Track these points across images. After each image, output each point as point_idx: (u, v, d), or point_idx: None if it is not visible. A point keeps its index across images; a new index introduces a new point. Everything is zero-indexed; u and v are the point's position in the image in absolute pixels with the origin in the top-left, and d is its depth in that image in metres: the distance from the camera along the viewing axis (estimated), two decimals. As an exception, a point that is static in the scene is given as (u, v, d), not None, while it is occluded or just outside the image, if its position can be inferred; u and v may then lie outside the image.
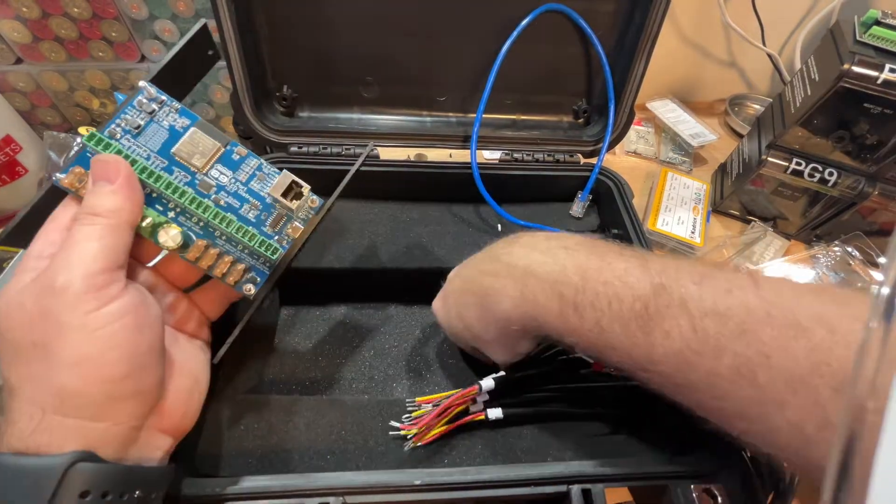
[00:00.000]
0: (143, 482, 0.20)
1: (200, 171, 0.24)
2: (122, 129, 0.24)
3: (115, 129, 0.24)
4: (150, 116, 0.24)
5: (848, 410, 0.09)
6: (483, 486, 0.25)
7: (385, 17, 0.40)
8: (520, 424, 0.31)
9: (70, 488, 0.18)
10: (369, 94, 0.44)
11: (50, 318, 0.19)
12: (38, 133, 0.50)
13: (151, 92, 0.24)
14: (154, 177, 0.23)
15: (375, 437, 0.30)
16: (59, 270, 0.19)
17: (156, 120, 0.24)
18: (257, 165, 0.26)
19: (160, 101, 0.24)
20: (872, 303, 0.09)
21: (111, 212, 0.21)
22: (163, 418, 0.22)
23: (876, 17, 0.45)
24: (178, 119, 0.24)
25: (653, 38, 0.40)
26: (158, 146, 0.24)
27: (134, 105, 0.24)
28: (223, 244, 0.25)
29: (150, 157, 0.24)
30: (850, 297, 0.20)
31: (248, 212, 0.25)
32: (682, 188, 0.58)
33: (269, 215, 0.26)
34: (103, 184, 0.21)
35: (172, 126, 0.24)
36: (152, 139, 0.24)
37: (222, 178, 0.25)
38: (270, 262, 0.26)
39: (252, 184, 0.25)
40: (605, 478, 0.26)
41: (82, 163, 0.23)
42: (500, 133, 0.46)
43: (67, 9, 0.45)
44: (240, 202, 0.25)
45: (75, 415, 0.19)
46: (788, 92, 0.53)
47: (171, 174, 0.24)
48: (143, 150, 0.24)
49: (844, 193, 0.51)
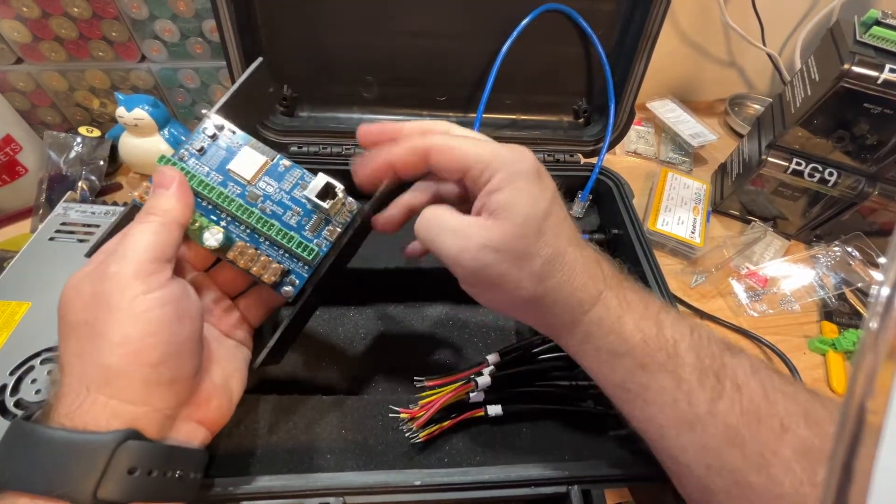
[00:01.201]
0: (183, 462, 0.21)
1: (250, 184, 0.27)
2: (189, 153, 0.27)
3: (184, 153, 0.27)
4: (211, 140, 0.27)
5: (848, 410, 0.09)
6: (483, 486, 0.25)
7: (385, 17, 0.40)
8: (519, 422, 0.31)
9: (119, 465, 0.19)
10: (369, 94, 0.45)
11: (101, 300, 0.20)
12: (38, 133, 0.50)
13: (216, 120, 0.27)
14: (210, 189, 0.26)
15: (375, 437, 0.30)
16: (114, 259, 0.21)
17: (216, 143, 0.27)
18: (300, 175, 0.28)
19: (221, 127, 0.27)
20: (872, 302, 0.09)
21: (164, 210, 0.23)
22: (198, 409, 0.23)
23: (876, 17, 0.45)
24: (234, 140, 0.28)
25: (653, 38, 0.40)
26: (217, 164, 0.27)
27: (200, 132, 0.27)
28: (266, 248, 0.27)
29: (209, 174, 0.27)
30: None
31: (290, 218, 0.27)
32: (682, 188, 0.58)
33: (309, 220, 0.27)
34: (160, 189, 0.24)
35: (229, 146, 0.27)
36: (212, 158, 0.27)
37: (268, 189, 0.27)
38: (310, 264, 0.27)
39: (294, 192, 0.28)
40: (604, 478, 0.26)
41: None
42: (500, 133, 0.46)
43: (67, 9, 0.45)
44: (283, 209, 0.27)
45: (117, 396, 0.20)
46: (788, 92, 0.53)
47: (226, 187, 0.27)
48: (204, 168, 0.27)
49: (844, 193, 0.51)
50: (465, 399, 0.31)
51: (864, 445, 0.09)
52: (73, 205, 0.40)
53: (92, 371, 0.20)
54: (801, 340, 0.48)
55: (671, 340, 0.23)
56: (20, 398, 0.28)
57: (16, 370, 0.29)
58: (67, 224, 0.38)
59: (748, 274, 0.51)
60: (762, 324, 0.48)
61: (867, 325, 0.09)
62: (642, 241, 0.39)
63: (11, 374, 0.29)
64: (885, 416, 0.09)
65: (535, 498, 0.26)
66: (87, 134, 0.51)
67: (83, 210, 0.39)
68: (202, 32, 0.48)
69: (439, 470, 0.26)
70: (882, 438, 0.08)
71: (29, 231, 0.47)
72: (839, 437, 0.09)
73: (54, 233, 0.37)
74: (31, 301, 0.33)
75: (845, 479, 0.09)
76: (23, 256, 0.35)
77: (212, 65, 0.51)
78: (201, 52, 0.50)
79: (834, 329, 0.48)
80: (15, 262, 0.35)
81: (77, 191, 0.47)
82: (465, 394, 0.30)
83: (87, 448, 0.19)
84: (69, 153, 0.49)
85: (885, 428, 0.09)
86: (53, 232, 0.37)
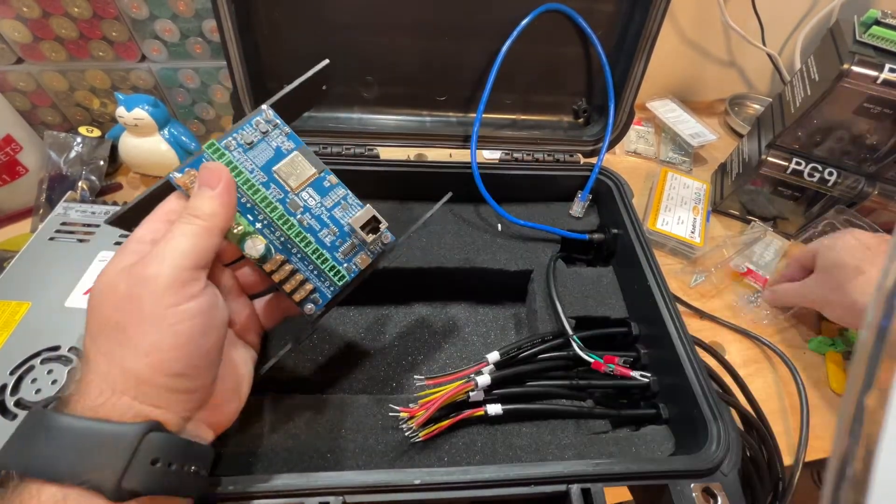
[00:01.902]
0: (197, 458, 0.22)
1: (293, 192, 0.26)
2: (237, 143, 0.26)
3: (231, 141, 0.26)
4: (262, 136, 0.26)
5: (848, 410, 0.09)
6: (483, 485, 0.25)
7: (385, 17, 0.40)
8: (519, 421, 0.31)
9: (143, 455, 0.19)
10: (369, 94, 0.44)
11: (134, 303, 0.20)
12: (38, 133, 0.50)
13: (269, 115, 0.26)
14: (253, 189, 0.25)
15: (375, 436, 0.30)
16: (153, 260, 0.21)
17: (266, 140, 0.26)
18: (344, 195, 0.28)
19: (274, 124, 0.26)
20: (873, 301, 0.09)
21: (208, 216, 0.23)
22: (212, 413, 0.24)
23: (876, 16, 0.45)
24: (285, 142, 0.27)
25: (653, 38, 0.40)
26: (263, 162, 0.26)
27: (252, 124, 0.26)
28: (297, 262, 0.26)
29: (254, 171, 0.26)
30: None
31: (325, 236, 0.27)
32: (682, 188, 0.58)
33: (343, 242, 0.27)
34: (206, 189, 0.23)
35: (279, 147, 0.26)
36: (259, 155, 0.26)
37: (310, 201, 0.27)
38: (335, 287, 0.27)
39: (335, 211, 0.27)
40: (605, 478, 0.26)
41: (197, 166, 0.25)
42: (500, 133, 0.46)
43: (68, 8, 0.45)
44: (321, 226, 0.27)
45: (140, 399, 0.20)
46: (788, 92, 0.53)
47: (268, 189, 0.26)
48: (249, 164, 0.26)
49: (844, 193, 0.51)
50: (464, 398, 0.31)
51: (863, 445, 0.09)
52: (73, 205, 0.40)
53: (117, 373, 0.20)
54: (801, 340, 0.48)
55: None
56: (20, 397, 0.28)
57: (16, 370, 0.29)
58: (67, 224, 0.38)
59: (747, 272, 0.51)
60: (762, 324, 0.48)
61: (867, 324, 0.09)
62: (642, 241, 0.39)
63: (11, 374, 0.29)
64: (885, 416, 0.09)
65: (534, 497, 0.26)
66: (87, 134, 0.51)
67: (83, 210, 0.39)
68: (202, 32, 0.48)
69: (439, 469, 0.26)
70: (882, 438, 0.08)
71: (29, 231, 0.47)
72: (839, 436, 0.09)
73: (54, 233, 0.37)
74: (31, 301, 0.33)
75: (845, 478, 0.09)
76: (23, 256, 0.35)
77: (212, 65, 0.51)
78: (201, 52, 0.50)
79: (834, 329, 0.48)
80: (15, 262, 0.35)
81: (77, 191, 0.47)
82: (465, 393, 0.30)
83: (114, 437, 0.19)
84: (69, 153, 0.49)
85: (884, 428, 0.09)
86: (53, 232, 0.37)
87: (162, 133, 0.48)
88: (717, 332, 0.48)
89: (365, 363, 0.36)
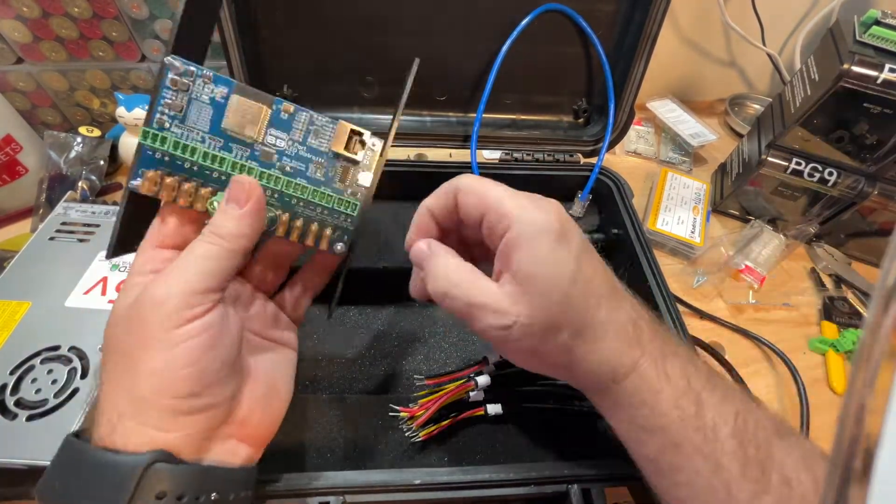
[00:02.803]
0: (222, 483, 0.21)
1: (257, 142, 0.23)
2: (168, 116, 0.22)
3: (161, 118, 0.22)
4: (186, 94, 0.22)
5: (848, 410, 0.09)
6: (483, 485, 0.25)
7: (385, 17, 0.40)
8: (519, 421, 0.31)
9: (148, 489, 0.18)
10: (369, 94, 0.45)
11: (139, 328, 0.20)
12: (38, 133, 0.50)
13: (179, 66, 0.22)
14: (217, 160, 0.23)
15: (376, 435, 0.30)
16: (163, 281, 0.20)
17: (194, 96, 0.22)
18: (308, 119, 0.24)
19: (191, 73, 0.22)
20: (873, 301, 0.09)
21: (234, 236, 0.21)
22: (239, 428, 0.22)
23: (876, 16, 0.45)
24: (215, 89, 0.23)
25: (653, 38, 0.40)
26: (208, 125, 0.23)
27: (167, 86, 0.22)
28: (302, 210, 0.24)
29: (206, 140, 0.23)
30: None
31: (314, 172, 0.24)
32: (682, 188, 0.58)
33: (335, 171, 0.25)
34: (234, 206, 0.22)
35: (213, 98, 0.23)
36: (200, 118, 0.22)
37: (279, 143, 0.24)
38: (351, 218, 0.25)
39: (310, 141, 0.24)
40: (605, 478, 0.26)
41: (147, 164, 0.22)
42: (500, 133, 0.46)
43: (68, 8, 0.45)
44: (304, 164, 0.24)
45: (147, 423, 0.19)
46: (788, 92, 0.53)
47: (231, 152, 0.23)
48: (197, 134, 0.22)
49: (844, 193, 0.51)
50: (464, 398, 0.31)
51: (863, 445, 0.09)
52: (73, 204, 0.40)
53: (123, 398, 0.20)
54: (801, 340, 0.48)
55: (711, 423, 0.21)
56: (20, 397, 0.28)
57: (16, 370, 0.29)
58: (67, 224, 0.38)
59: (746, 269, 0.51)
60: (762, 324, 0.48)
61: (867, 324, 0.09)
62: (642, 241, 0.39)
63: (11, 374, 0.29)
64: (885, 416, 0.09)
65: (534, 497, 0.26)
66: (87, 134, 0.51)
67: (83, 210, 0.39)
68: (202, 32, 0.48)
69: (439, 469, 0.26)
70: (882, 438, 0.08)
71: (29, 231, 0.47)
72: (839, 436, 0.09)
73: (54, 232, 0.37)
74: (31, 301, 0.33)
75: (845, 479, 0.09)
76: (23, 256, 0.35)
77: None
78: (201, 51, 0.50)
79: (834, 329, 0.48)
80: (15, 262, 0.35)
81: (77, 190, 0.47)
82: (465, 393, 0.30)
83: (118, 470, 0.18)
84: (69, 153, 0.49)
85: (885, 428, 0.09)
86: (54, 232, 0.37)
87: (162, 133, 0.48)
88: (717, 332, 0.48)
89: (365, 363, 0.36)
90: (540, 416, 0.32)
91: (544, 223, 0.21)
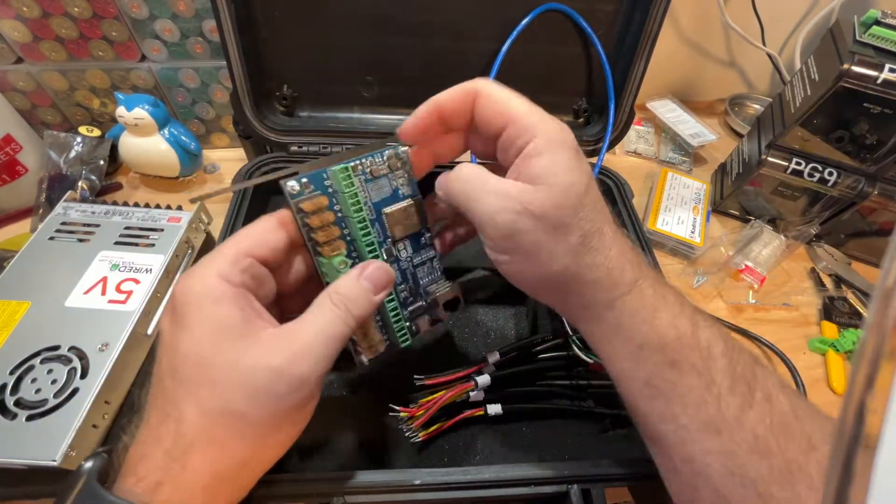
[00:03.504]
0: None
1: (393, 239, 0.26)
2: (362, 170, 0.24)
3: (359, 167, 0.24)
4: (389, 172, 0.25)
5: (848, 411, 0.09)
6: (483, 485, 0.25)
7: (385, 17, 0.40)
8: (519, 421, 0.31)
9: None
10: (369, 93, 0.44)
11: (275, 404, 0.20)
12: (38, 132, 0.50)
13: (407, 154, 0.25)
14: (361, 224, 0.24)
15: (375, 436, 0.30)
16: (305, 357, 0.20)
17: (389, 178, 0.25)
18: (433, 257, 0.27)
19: (403, 162, 0.25)
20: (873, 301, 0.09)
21: (361, 319, 0.22)
22: None
23: (876, 16, 0.45)
24: (404, 186, 0.26)
25: (653, 38, 0.40)
26: (377, 199, 0.25)
27: (383, 156, 0.25)
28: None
29: (366, 205, 0.25)
30: None
31: (402, 291, 0.27)
32: (682, 188, 0.58)
33: (414, 302, 0.27)
34: (371, 288, 0.23)
35: (398, 189, 0.25)
36: (376, 191, 0.25)
37: (402, 254, 0.26)
38: (394, 344, 0.27)
39: (420, 270, 0.27)
40: (605, 478, 0.26)
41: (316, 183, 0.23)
42: (501, 133, 0.46)
43: (68, 8, 0.45)
44: (402, 280, 0.27)
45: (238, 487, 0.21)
46: (788, 92, 0.53)
47: (372, 229, 0.25)
48: (364, 196, 0.24)
49: (844, 193, 0.51)
50: (465, 398, 0.31)
51: (863, 445, 0.09)
52: (73, 204, 0.40)
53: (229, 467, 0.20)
54: (801, 340, 0.48)
55: (705, 343, 0.22)
56: (20, 397, 0.28)
57: (16, 369, 0.29)
58: (67, 224, 0.38)
59: (746, 269, 0.51)
60: (762, 324, 0.48)
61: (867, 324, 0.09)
62: (642, 241, 0.39)
63: (11, 374, 0.29)
64: (885, 416, 0.09)
65: (534, 497, 0.26)
66: (87, 133, 0.51)
67: (83, 210, 0.39)
68: (202, 32, 0.48)
69: (439, 469, 0.26)
70: (882, 438, 0.08)
71: (29, 231, 0.47)
72: (839, 436, 0.09)
73: (54, 232, 0.37)
74: (31, 301, 0.33)
75: (845, 478, 0.09)
76: (23, 256, 0.35)
77: (212, 65, 0.51)
78: (201, 51, 0.50)
79: (834, 329, 0.48)
80: (15, 262, 0.35)
81: (77, 190, 0.47)
82: (465, 393, 0.30)
83: None
84: (69, 153, 0.49)
85: (884, 427, 0.09)
86: (53, 231, 0.37)
87: (162, 133, 0.48)
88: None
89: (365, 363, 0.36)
90: (540, 416, 0.32)
91: (567, 139, 0.23)
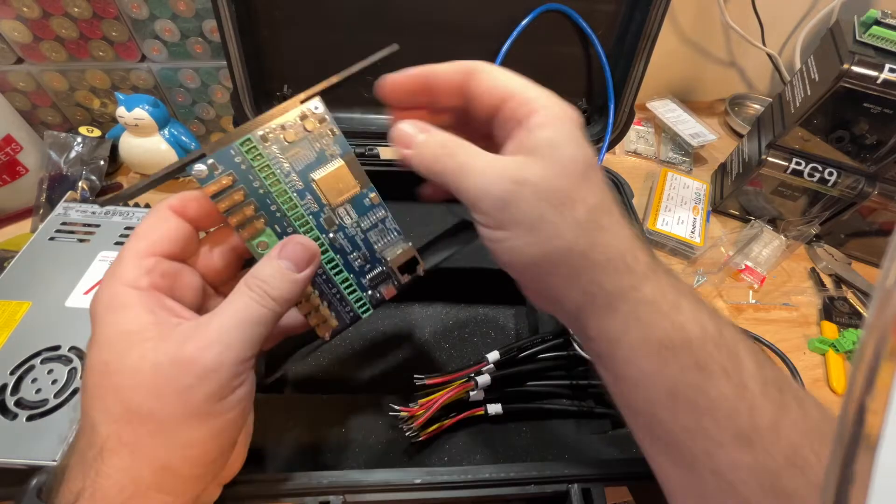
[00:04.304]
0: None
1: (331, 207, 0.23)
2: (275, 138, 0.22)
3: (270, 134, 0.22)
4: (306, 133, 0.22)
5: (848, 411, 0.09)
6: (483, 484, 0.25)
7: (384, 17, 0.40)
8: (519, 420, 0.31)
9: None
10: (369, 93, 0.44)
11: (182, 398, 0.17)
12: (38, 133, 0.50)
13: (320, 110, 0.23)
14: (285, 196, 0.22)
15: (376, 435, 0.30)
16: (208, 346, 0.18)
17: (310, 139, 0.22)
18: (383, 217, 0.25)
19: (322, 120, 0.23)
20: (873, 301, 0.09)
21: (285, 301, 0.20)
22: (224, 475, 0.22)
23: (876, 17, 0.45)
24: (331, 145, 0.23)
25: (653, 38, 0.40)
26: (301, 166, 0.22)
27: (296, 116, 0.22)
28: (320, 284, 0.24)
29: (290, 176, 0.22)
30: None
31: (355, 259, 0.24)
32: (682, 188, 0.58)
33: (372, 269, 0.25)
34: (291, 267, 0.20)
35: (323, 151, 0.23)
36: (298, 157, 0.22)
37: (346, 219, 0.24)
38: (355, 315, 0.25)
39: (371, 234, 0.24)
40: (605, 478, 0.26)
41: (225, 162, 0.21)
42: (501, 133, 0.46)
43: (68, 9, 0.45)
44: (352, 248, 0.24)
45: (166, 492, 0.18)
46: (788, 92, 0.53)
47: (303, 199, 0.22)
48: (286, 165, 0.22)
49: (844, 193, 0.51)
50: (465, 398, 0.31)
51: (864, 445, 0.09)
52: (73, 205, 0.40)
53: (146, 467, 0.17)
54: (801, 340, 0.48)
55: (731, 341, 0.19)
56: (20, 397, 0.28)
57: (16, 370, 0.29)
58: (68, 224, 0.38)
59: (746, 269, 0.51)
60: (762, 324, 0.48)
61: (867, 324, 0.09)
62: (642, 241, 0.39)
63: (12, 374, 0.29)
64: (885, 416, 0.09)
65: (534, 496, 0.26)
66: (87, 134, 0.51)
67: (83, 210, 0.39)
68: (202, 32, 0.48)
69: (439, 468, 0.26)
70: (882, 438, 0.08)
71: (29, 231, 0.47)
72: (839, 436, 0.09)
73: (54, 233, 0.37)
74: (31, 301, 0.33)
75: (845, 478, 0.09)
76: (23, 256, 0.35)
77: (212, 65, 0.51)
78: (201, 52, 0.50)
79: (834, 329, 0.48)
80: (15, 262, 0.35)
81: (77, 191, 0.47)
82: (466, 392, 0.30)
83: None
84: (69, 153, 0.49)
85: (884, 427, 0.09)
86: (54, 232, 0.37)
87: (162, 133, 0.48)
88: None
89: (365, 363, 0.36)
90: (540, 415, 0.32)
91: (570, 112, 0.20)
